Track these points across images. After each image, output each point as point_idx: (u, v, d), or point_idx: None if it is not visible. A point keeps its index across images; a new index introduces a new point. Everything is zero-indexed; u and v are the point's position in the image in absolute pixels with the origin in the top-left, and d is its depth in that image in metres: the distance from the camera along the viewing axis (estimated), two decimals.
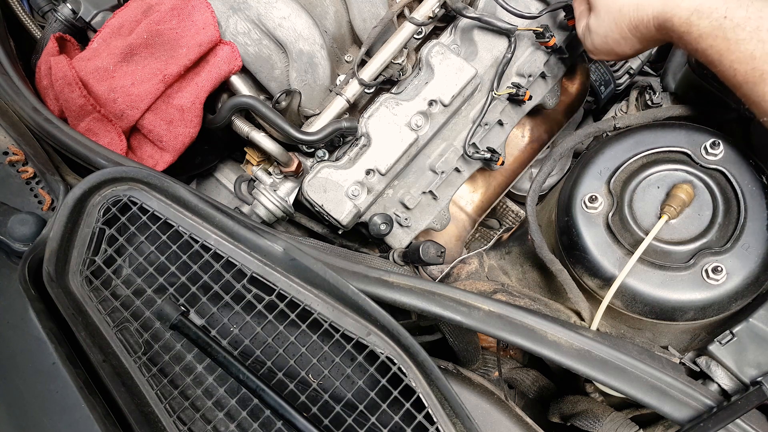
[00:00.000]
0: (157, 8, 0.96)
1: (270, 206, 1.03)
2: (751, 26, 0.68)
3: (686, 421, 0.70)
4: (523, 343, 0.73)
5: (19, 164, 0.83)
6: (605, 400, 0.96)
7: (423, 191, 1.10)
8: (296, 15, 0.97)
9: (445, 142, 1.09)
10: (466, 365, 0.98)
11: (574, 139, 0.93)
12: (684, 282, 0.79)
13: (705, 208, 0.82)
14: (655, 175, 0.84)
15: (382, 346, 0.70)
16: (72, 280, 0.74)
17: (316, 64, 1.00)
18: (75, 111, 0.94)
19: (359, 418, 0.68)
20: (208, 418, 0.71)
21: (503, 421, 0.82)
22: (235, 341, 0.72)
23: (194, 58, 0.94)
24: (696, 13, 0.72)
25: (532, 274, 1.02)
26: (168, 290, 0.73)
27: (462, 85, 1.02)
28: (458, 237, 1.24)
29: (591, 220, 0.85)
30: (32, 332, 0.70)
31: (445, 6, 1.02)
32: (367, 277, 0.76)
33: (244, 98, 0.97)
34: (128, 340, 0.73)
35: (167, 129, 0.96)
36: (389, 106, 1.03)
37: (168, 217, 0.75)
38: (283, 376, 0.70)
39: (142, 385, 0.70)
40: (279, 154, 1.00)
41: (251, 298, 0.73)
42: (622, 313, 0.85)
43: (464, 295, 0.76)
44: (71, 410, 0.66)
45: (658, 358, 0.78)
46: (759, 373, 0.74)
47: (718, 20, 0.70)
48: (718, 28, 0.70)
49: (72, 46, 1.03)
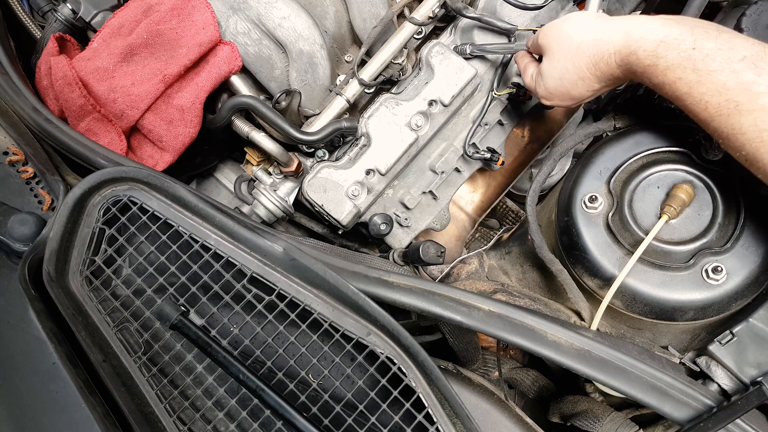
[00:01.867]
0: (157, 8, 0.96)
1: (270, 206, 1.03)
2: (721, 57, 0.65)
3: (686, 421, 0.70)
4: (523, 343, 0.73)
5: (19, 164, 0.83)
6: (605, 400, 0.96)
7: (423, 191, 1.10)
8: (296, 15, 0.97)
9: (445, 142, 1.09)
10: (466, 365, 0.98)
11: (574, 139, 0.93)
12: (684, 282, 0.79)
13: (705, 208, 0.82)
14: (655, 175, 0.84)
15: (382, 346, 0.70)
16: (72, 280, 0.74)
17: (316, 64, 1.00)
18: (75, 111, 0.94)
19: (359, 418, 0.68)
20: (208, 418, 0.71)
21: (503, 421, 0.82)
22: (235, 341, 0.72)
23: (194, 58, 0.94)
24: (663, 44, 0.69)
25: (532, 274, 1.02)
26: (168, 290, 0.73)
27: (462, 85, 1.02)
28: (458, 237, 1.24)
29: (591, 220, 0.85)
30: (32, 332, 0.70)
31: (445, 6, 1.02)
32: (367, 277, 0.76)
33: (244, 98, 0.97)
34: (128, 340, 0.73)
35: (167, 129, 0.96)
36: (389, 106, 1.03)
37: (168, 217, 0.75)
38: (283, 376, 0.70)
39: (142, 385, 0.70)
40: (279, 154, 1.00)
41: (251, 298, 0.73)
42: (622, 313, 0.85)
43: (464, 295, 0.76)
44: (71, 410, 0.66)
45: (658, 358, 0.78)
46: (759, 373, 0.74)
47: (686, 51, 0.67)
48: (687, 59, 0.67)
49: (72, 46, 1.03)
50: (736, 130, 0.65)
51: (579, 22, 0.79)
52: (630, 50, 0.72)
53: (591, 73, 0.78)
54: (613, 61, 0.75)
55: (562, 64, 0.80)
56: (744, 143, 0.66)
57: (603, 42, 0.75)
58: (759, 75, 0.63)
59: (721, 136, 0.68)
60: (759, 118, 0.63)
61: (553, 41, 0.82)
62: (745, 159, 0.67)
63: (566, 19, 0.81)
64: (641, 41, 0.71)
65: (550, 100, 0.87)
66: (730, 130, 0.66)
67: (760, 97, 0.63)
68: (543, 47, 0.84)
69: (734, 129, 0.66)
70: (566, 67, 0.80)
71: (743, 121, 0.64)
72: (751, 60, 0.64)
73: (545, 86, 0.85)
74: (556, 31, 0.81)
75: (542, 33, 0.84)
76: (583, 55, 0.77)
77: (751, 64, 0.64)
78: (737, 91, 0.64)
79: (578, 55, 0.78)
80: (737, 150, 0.67)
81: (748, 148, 0.65)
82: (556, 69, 0.82)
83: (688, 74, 0.68)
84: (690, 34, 0.68)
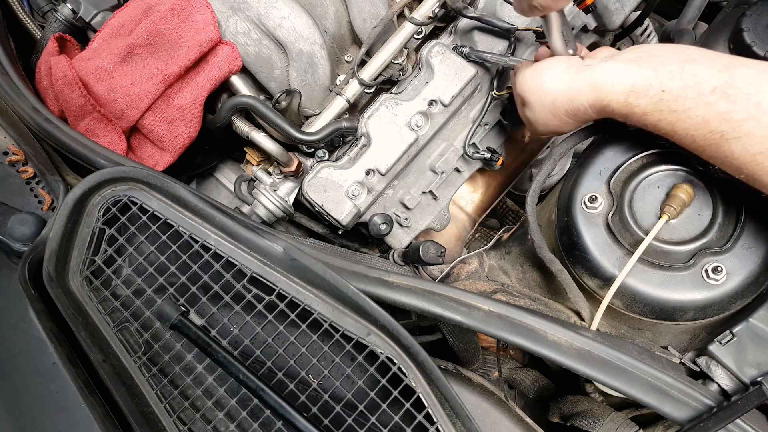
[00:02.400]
0: (157, 8, 0.96)
1: (270, 206, 1.03)
2: (692, 93, 0.65)
3: (686, 421, 0.70)
4: (523, 343, 0.73)
5: (19, 164, 0.83)
6: (605, 400, 0.96)
7: (423, 191, 1.10)
8: (296, 15, 0.97)
9: (445, 142, 1.09)
10: (466, 365, 0.98)
11: (574, 139, 0.93)
12: (684, 282, 0.79)
13: (705, 208, 0.82)
14: (655, 175, 0.84)
15: (382, 346, 0.70)
16: (72, 280, 0.74)
17: (316, 64, 1.00)
18: (75, 111, 0.94)
19: (359, 418, 0.68)
20: (208, 418, 0.71)
21: (503, 421, 0.82)
22: (235, 341, 0.72)
23: (194, 58, 0.94)
24: (632, 94, 0.70)
25: (532, 274, 1.02)
26: (168, 290, 0.73)
27: (462, 85, 1.02)
28: (458, 237, 1.24)
29: (591, 220, 0.85)
30: (32, 332, 0.70)
31: (445, 6, 1.02)
32: (367, 277, 0.76)
33: (244, 98, 0.97)
34: (128, 340, 0.73)
35: (167, 129, 0.96)
36: (389, 106, 1.03)
37: (168, 217, 0.75)
38: (283, 376, 0.70)
39: (142, 385, 0.70)
40: (279, 154, 1.00)
41: (251, 298, 0.73)
42: (622, 313, 0.85)
43: (464, 295, 0.76)
44: (71, 410, 0.66)
45: (658, 358, 0.78)
46: (759, 373, 0.74)
47: (657, 96, 0.68)
48: (660, 102, 0.68)
49: (72, 46, 1.03)
50: (729, 156, 0.66)
51: (551, 76, 0.81)
52: (603, 104, 0.74)
53: (572, 119, 0.81)
54: (590, 112, 0.77)
55: (543, 116, 0.84)
56: (740, 167, 0.66)
57: (575, 98, 0.77)
58: (734, 103, 0.63)
59: (717, 162, 0.69)
60: (747, 143, 0.63)
61: (530, 96, 0.84)
62: (746, 180, 0.68)
63: (541, 71, 0.82)
64: (610, 94, 0.72)
65: (544, 135, 0.91)
66: (723, 158, 0.67)
67: (742, 124, 0.63)
68: (522, 98, 0.87)
69: (727, 156, 0.66)
70: (547, 116, 0.83)
71: (734, 149, 0.64)
72: (722, 90, 0.64)
73: (534, 128, 0.89)
74: (531, 86, 0.84)
75: (519, 83, 0.87)
76: (559, 109, 0.80)
77: (722, 94, 0.64)
78: (718, 122, 0.64)
79: (555, 109, 0.81)
80: (736, 173, 0.68)
81: (746, 171, 0.66)
82: (539, 118, 0.85)
83: (666, 116, 0.68)
84: (655, 77, 0.68)
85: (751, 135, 0.62)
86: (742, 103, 0.62)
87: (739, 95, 0.63)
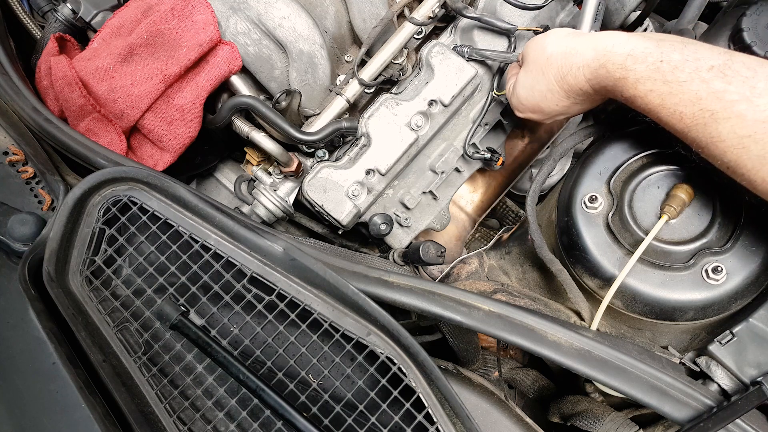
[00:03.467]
0: (157, 8, 0.96)
1: (270, 206, 1.03)
2: (689, 67, 0.65)
3: (686, 421, 0.70)
4: (523, 343, 0.73)
5: (19, 164, 0.83)
6: (605, 400, 0.96)
7: (423, 191, 1.10)
8: (296, 15, 0.97)
9: (445, 142, 1.09)
10: (466, 365, 0.98)
11: (574, 139, 0.93)
12: (684, 282, 0.79)
13: (705, 208, 0.82)
14: (655, 175, 0.84)
15: (382, 346, 0.70)
16: (72, 280, 0.74)
17: (316, 64, 1.00)
18: (75, 111, 0.94)
19: (359, 418, 0.68)
20: (208, 418, 0.71)
21: (503, 421, 0.82)
22: (235, 341, 0.72)
23: (194, 58, 0.94)
24: (631, 57, 0.70)
25: (532, 274, 1.02)
26: (168, 290, 0.73)
27: (462, 85, 1.02)
28: (458, 237, 1.24)
29: (591, 220, 0.85)
30: (32, 332, 0.70)
31: (445, 6, 1.02)
32: (367, 277, 0.76)
33: (244, 98, 0.97)
34: (128, 340, 0.73)
35: (167, 129, 0.96)
36: (389, 106, 1.03)
37: (168, 217, 0.75)
38: (283, 376, 0.70)
39: (142, 385, 0.70)
40: (279, 154, 1.00)
41: (251, 298, 0.73)
42: (622, 313, 0.85)
43: (464, 295, 0.76)
44: (71, 410, 0.66)
45: (658, 358, 0.78)
46: (759, 373, 0.74)
47: (654, 64, 0.68)
48: (656, 71, 0.67)
49: (72, 46, 1.03)
50: (715, 138, 0.65)
51: (555, 37, 0.80)
52: (599, 63, 0.73)
53: (559, 86, 0.79)
54: (581, 75, 0.76)
55: (533, 74, 0.82)
56: (725, 150, 0.65)
57: (571, 55, 0.76)
58: (729, 83, 0.63)
59: (700, 146, 0.67)
60: (737, 125, 0.63)
61: (530, 52, 0.84)
62: (727, 167, 0.66)
63: (547, 34, 0.82)
64: (609, 54, 0.72)
65: (521, 112, 0.89)
66: (708, 139, 0.66)
67: (734, 105, 0.62)
68: (523, 58, 0.87)
69: (713, 137, 0.65)
70: (537, 77, 0.82)
71: (721, 130, 0.64)
72: (719, 69, 0.64)
73: (517, 96, 0.87)
74: (535, 44, 0.84)
75: (526, 45, 0.87)
76: (551, 67, 0.79)
77: (719, 73, 0.64)
78: (710, 100, 0.64)
79: (547, 66, 0.79)
80: (718, 158, 0.66)
81: (729, 155, 0.65)
82: (527, 79, 0.84)
83: (659, 86, 0.68)
84: (656, 47, 0.68)
85: (741, 117, 0.62)
86: (737, 84, 0.62)
87: (735, 77, 0.63)
